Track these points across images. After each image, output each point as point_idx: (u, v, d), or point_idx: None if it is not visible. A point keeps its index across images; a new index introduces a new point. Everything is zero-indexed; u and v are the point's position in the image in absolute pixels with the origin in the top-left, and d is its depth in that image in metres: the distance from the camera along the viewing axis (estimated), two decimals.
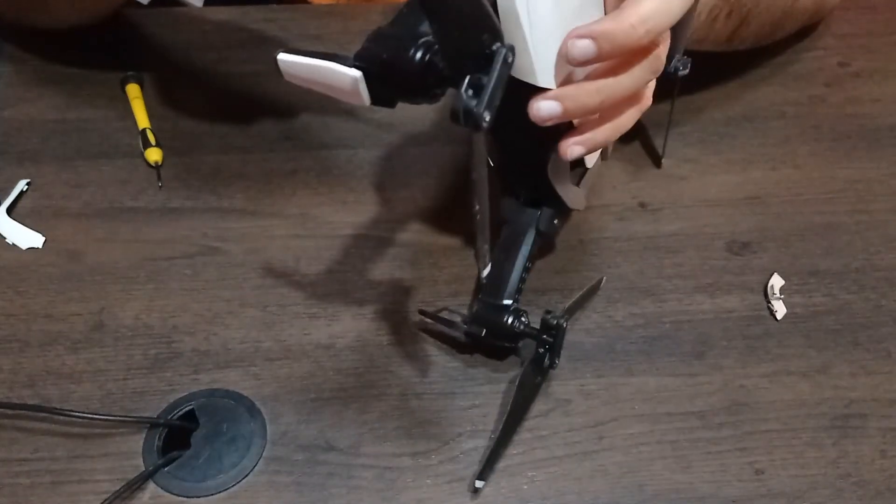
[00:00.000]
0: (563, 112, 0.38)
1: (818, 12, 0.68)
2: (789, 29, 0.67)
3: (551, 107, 0.37)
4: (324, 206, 0.59)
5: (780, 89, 0.68)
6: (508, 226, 0.50)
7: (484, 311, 0.48)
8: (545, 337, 0.47)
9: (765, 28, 0.62)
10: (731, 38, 0.60)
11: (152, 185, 0.59)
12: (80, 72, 0.67)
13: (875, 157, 0.63)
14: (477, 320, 0.48)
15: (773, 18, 0.62)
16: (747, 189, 0.60)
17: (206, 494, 0.44)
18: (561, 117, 0.38)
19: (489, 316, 0.47)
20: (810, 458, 0.46)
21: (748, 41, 0.63)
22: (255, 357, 0.50)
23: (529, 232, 0.49)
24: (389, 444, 0.47)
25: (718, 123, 0.65)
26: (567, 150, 0.41)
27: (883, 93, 0.68)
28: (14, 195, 0.58)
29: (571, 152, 0.41)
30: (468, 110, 0.33)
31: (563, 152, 0.41)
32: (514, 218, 0.50)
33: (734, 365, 0.51)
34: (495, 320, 0.47)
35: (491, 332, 0.48)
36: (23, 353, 0.50)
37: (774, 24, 0.63)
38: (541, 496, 0.45)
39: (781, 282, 0.54)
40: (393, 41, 0.36)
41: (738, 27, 0.59)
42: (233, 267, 0.55)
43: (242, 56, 0.69)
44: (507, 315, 0.47)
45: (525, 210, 0.50)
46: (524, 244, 0.49)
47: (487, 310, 0.48)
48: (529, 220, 0.49)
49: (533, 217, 0.49)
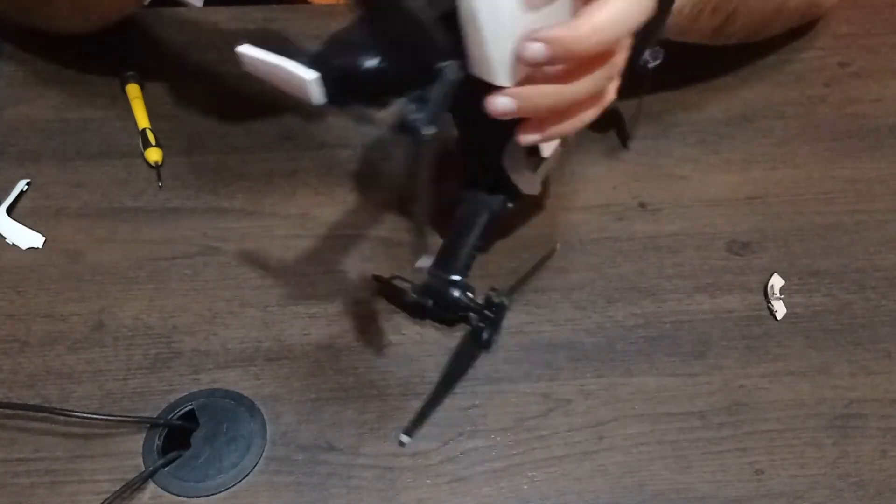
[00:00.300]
0: (517, 110, 0.39)
1: (811, 12, 0.68)
2: (779, 27, 0.67)
3: (506, 104, 0.38)
4: (324, 206, 0.59)
5: (780, 89, 0.68)
6: (464, 204, 0.51)
7: (433, 283, 0.49)
8: (486, 313, 0.48)
9: (753, 25, 0.62)
10: (716, 34, 0.60)
11: (152, 185, 0.59)
12: (80, 72, 0.67)
13: (875, 157, 0.63)
14: (425, 292, 0.49)
15: (762, 16, 0.62)
16: (747, 189, 0.60)
17: (206, 494, 0.44)
18: (515, 115, 0.39)
19: (438, 288, 0.48)
20: (810, 458, 0.46)
21: (735, 37, 0.63)
22: (255, 357, 0.50)
23: (482, 212, 0.50)
24: (389, 444, 0.47)
25: (718, 123, 0.65)
26: (522, 137, 0.41)
27: (883, 93, 0.68)
28: (14, 195, 0.58)
29: (526, 139, 0.41)
30: (411, 123, 0.36)
31: (520, 139, 0.42)
32: (470, 198, 0.51)
33: (734, 365, 0.51)
34: (443, 293, 0.48)
35: (437, 304, 0.49)
36: (23, 353, 0.50)
37: (764, 21, 0.63)
38: (541, 496, 0.45)
39: (781, 282, 0.54)
40: (349, 47, 0.38)
41: (724, 23, 0.59)
42: (233, 267, 0.55)
43: None
44: (454, 289, 0.48)
45: (480, 193, 0.51)
46: (476, 224, 0.50)
47: (437, 283, 0.49)
48: (484, 202, 0.51)
49: (487, 199, 0.51)
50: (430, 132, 0.36)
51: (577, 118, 0.42)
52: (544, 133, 0.41)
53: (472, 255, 0.50)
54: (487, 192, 0.51)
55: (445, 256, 0.49)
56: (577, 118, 0.42)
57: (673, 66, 0.70)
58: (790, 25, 0.68)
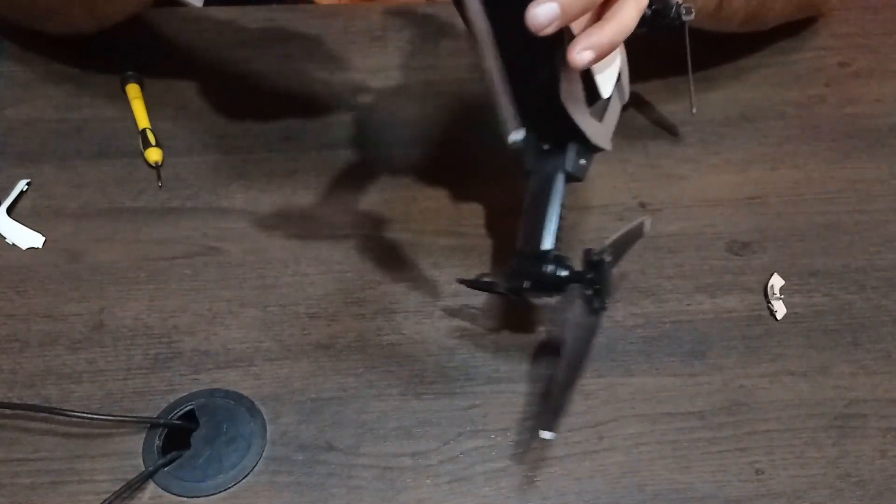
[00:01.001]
0: (561, 12, 0.37)
1: (810, 4, 0.67)
2: (778, 12, 0.66)
3: (549, 10, 0.37)
4: (324, 206, 0.59)
5: (780, 89, 0.68)
6: (534, 176, 0.48)
7: (523, 263, 0.46)
8: (590, 276, 0.45)
9: (751, 3, 0.62)
10: (719, 7, 0.60)
11: (152, 185, 0.59)
12: (80, 72, 0.67)
13: (875, 157, 0.63)
14: (517, 276, 0.46)
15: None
16: (747, 189, 0.60)
17: (206, 494, 0.44)
18: (560, 20, 0.37)
19: (530, 267, 0.45)
20: (810, 457, 0.46)
21: (736, 17, 0.62)
22: (255, 357, 0.50)
23: (558, 176, 0.47)
24: (389, 444, 0.47)
25: (718, 123, 0.65)
26: (576, 57, 0.40)
27: (883, 93, 0.68)
28: (14, 195, 0.58)
29: (581, 58, 0.40)
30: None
31: (573, 61, 0.40)
32: (539, 167, 0.48)
33: (734, 365, 0.51)
34: (536, 270, 0.45)
35: (533, 284, 0.46)
36: (23, 353, 0.50)
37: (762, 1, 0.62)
38: (541, 496, 0.45)
39: (781, 282, 0.54)
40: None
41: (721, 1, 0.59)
42: (233, 267, 0.55)
43: (242, 56, 0.69)
44: (546, 264, 0.45)
45: (549, 156, 0.48)
46: (555, 190, 0.47)
47: (526, 262, 0.46)
48: (556, 165, 0.47)
49: (559, 160, 0.47)
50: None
51: (619, 18, 0.40)
52: (593, 43, 0.40)
53: (559, 225, 0.46)
54: (556, 153, 0.47)
55: (530, 231, 0.46)
56: (620, 19, 0.40)
57: (673, 66, 0.70)
58: (788, 14, 0.68)
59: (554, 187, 0.47)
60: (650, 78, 0.67)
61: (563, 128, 0.46)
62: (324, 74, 0.68)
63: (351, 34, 0.72)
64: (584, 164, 0.48)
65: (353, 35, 0.72)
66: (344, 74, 0.68)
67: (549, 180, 0.47)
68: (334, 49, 0.70)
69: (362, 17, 0.73)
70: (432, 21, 0.73)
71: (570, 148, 0.47)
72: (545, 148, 0.47)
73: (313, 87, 0.67)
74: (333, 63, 0.69)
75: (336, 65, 0.69)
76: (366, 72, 0.69)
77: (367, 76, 0.68)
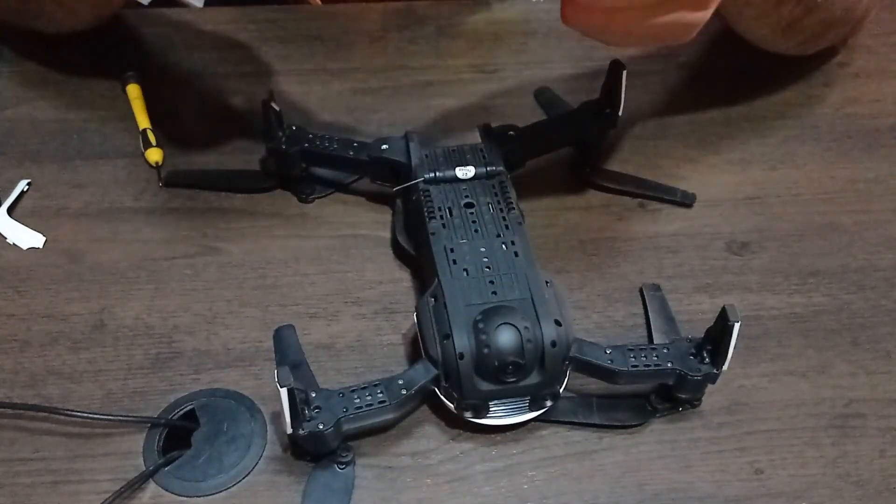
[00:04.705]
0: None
1: (861, 21, 0.67)
2: (836, 33, 0.66)
3: None
4: (324, 206, 0.59)
5: (779, 89, 0.68)
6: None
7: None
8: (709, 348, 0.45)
9: (817, 27, 0.61)
10: (789, 27, 0.59)
11: (152, 185, 0.59)
12: (80, 72, 0.67)
13: (875, 157, 0.63)
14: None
15: (832, 17, 0.61)
16: (747, 189, 0.60)
17: (207, 494, 0.45)
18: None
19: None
20: (810, 457, 0.46)
21: (799, 37, 0.62)
22: (256, 357, 0.50)
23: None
24: (389, 444, 0.47)
25: (718, 123, 0.65)
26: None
27: (883, 93, 0.68)
28: (15, 195, 0.58)
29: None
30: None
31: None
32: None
33: (733, 365, 0.50)
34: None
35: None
36: (23, 353, 0.50)
37: (829, 23, 0.62)
38: (541, 496, 0.45)
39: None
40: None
41: (802, 17, 0.58)
42: (233, 267, 0.55)
43: (242, 56, 0.69)
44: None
45: None
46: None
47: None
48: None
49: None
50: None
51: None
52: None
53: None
54: None
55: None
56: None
57: (673, 66, 0.70)
58: (843, 35, 0.67)
59: None
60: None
61: None
62: (324, 75, 0.68)
63: (351, 34, 0.72)
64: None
65: (353, 35, 0.72)
66: (344, 74, 0.68)
67: None
68: (334, 49, 0.71)
69: (361, 18, 0.73)
70: (432, 21, 0.73)
71: None
72: None
73: (313, 87, 0.67)
74: (333, 63, 0.69)
75: (336, 65, 0.69)
76: (366, 72, 0.69)
77: (367, 76, 0.68)
